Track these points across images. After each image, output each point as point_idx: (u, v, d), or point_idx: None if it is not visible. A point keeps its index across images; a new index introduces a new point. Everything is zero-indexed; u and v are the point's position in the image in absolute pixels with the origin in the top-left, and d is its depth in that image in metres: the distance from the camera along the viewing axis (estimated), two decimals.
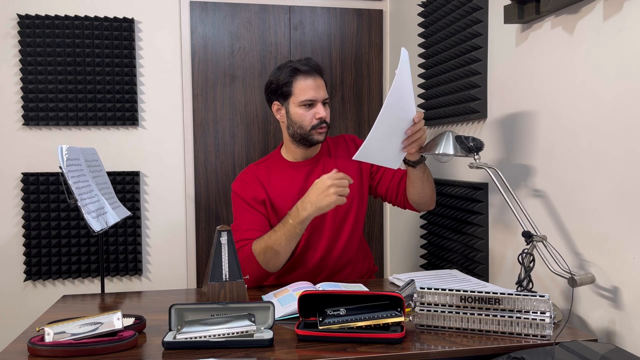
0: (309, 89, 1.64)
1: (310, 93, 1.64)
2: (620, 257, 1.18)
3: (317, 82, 1.66)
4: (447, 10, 1.89)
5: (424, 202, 1.69)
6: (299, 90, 1.65)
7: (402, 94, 1.35)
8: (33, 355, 1.06)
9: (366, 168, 1.78)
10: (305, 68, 1.65)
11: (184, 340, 1.09)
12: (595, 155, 1.24)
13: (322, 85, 1.68)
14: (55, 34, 2.40)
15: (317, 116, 1.64)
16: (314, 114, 1.65)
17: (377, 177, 1.78)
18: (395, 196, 1.75)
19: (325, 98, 1.68)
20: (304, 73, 1.64)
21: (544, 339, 1.11)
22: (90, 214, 1.63)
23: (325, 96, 1.68)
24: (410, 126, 1.42)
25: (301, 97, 1.64)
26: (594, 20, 1.23)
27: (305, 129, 1.66)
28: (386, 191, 1.77)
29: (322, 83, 1.68)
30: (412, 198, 1.69)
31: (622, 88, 1.16)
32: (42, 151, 2.43)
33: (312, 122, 1.65)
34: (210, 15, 2.56)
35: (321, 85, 1.67)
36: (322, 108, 1.65)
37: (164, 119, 2.54)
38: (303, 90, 1.64)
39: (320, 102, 1.66)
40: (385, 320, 1.12)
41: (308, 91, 1.64)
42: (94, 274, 2.49)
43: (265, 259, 1.56)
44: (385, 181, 1.76)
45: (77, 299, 1.53)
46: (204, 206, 2.59)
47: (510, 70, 1.57)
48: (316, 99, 1.64)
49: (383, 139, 1.39)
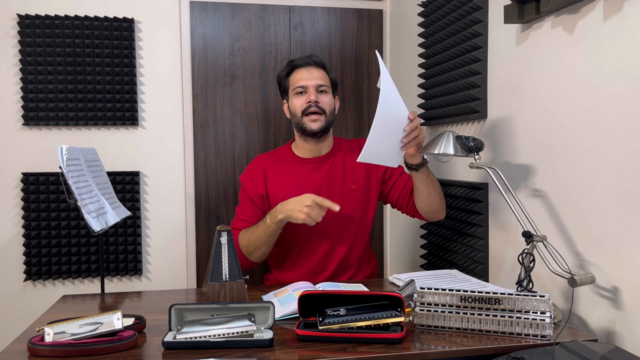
0: (301, 78, 1.72)
1: (302, 81, 1.71)
2: (620, 257, 1.18)
3: (312, 72, 1.72)
4: (447, 10, 1.88)
5: (432, 210, 1.69)
6: (293, 81, 1.74)
7: (391, 94, 1.37)
8: (33, 355, 1.06)
9: (378, 174, 1.78)
10: (301, 62, 1.73)
11: (184, 340, 1.09)
12: (596, 155, 1.24)
13: (318, 75, 1.72)
14: (55, 34, 2.40)
15: (306, 101, 1.69)
16: (305, 99, 1.70)
17: (389, 184, 1.78)
18: (405, 204, 1.76)
19: (318, 85, 1.71)
20: (299, 66, 1.73)
21: (544, 339, 1.11)
22: (90, 214, 1.63)
23: (319, 83, 1.71)
24: (408, 123, 1.43)
25: (294, 85, 1.73)
26: (594, 20, 1.23)
27: (299, 117, 1.71)
28: (397, 198, 1.77)
29: (319, 74, 1.73)
30: (420, 206, 1.69)
31: (622, 88, 1.16)
32: (42, 151, 2.43)
33: (302, 107, 1.70)
34: (210, 15, 2.56)
35: (316, 75, 1.72)
36: (313, 93, 1.69)
37: (164, 119, 2.54)
38: (296, 79, 1.73)
39: (312, 88, 1.70)
40: (385, 320, 1.12)
41: (300, 80, 1.72)
42: (94, 274, 2.49)
43: (248, 250, 1.66)
44: (398, 188, 1.76)
45: (77, 299, 1.53)
46: (204, 206, 2.59)
47: (511, 70, 1.57)
48: (306, 86, 1.70)
49: (382, 139, 1.41)
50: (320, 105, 1.69)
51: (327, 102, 1.72)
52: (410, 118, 1.42)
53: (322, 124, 1.70)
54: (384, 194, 1.81)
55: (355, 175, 1.76)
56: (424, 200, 1.66)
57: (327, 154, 1.78)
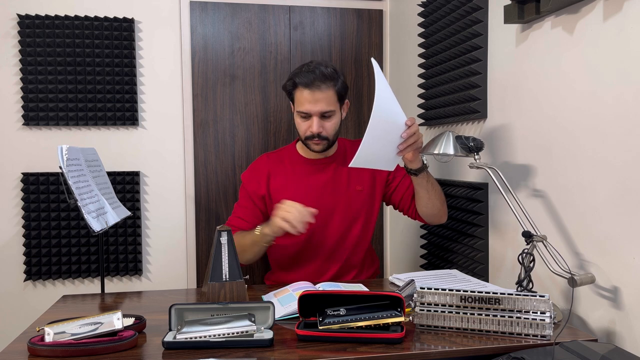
0: (305, 102, 1.62)
1: (306, 106, 1.62)
2: (620, 257, 1.18)
3: (316, 95, 1.60)
4: (447, 10, 1.88)
5: (433, 214, 1.69)
6: (297, 100, 1.65)
7: (387, 100, 1.35)
8: (33, 355, 1.06)
9: (382, 176, 1.77)
10: (304, 80, 1.61)
11: (184, 340, 1.09)
12: (596, 155, 1.24)
13: (323, 98, 1.61)
14: (55, 34, 2.40)
15: (309, 130, 1.64)
16: (308, 126, 1.64)
17: (392, 186, 1.78)
18: (407, 207, 1.76)
19: (323, 111, 1.62)
20: (302, 85, 1.62)
21: (544, 339, 1.11)
22: (90, 214, 1.63)
23: (324, 109, 1.62)
24: (405, 129, 1.41)
25: (298, 108, 1.65)
26: (594, 20, 1.23)
27: (302, 138, 1.68)
28: (400, 200, 1.77)
29: (324, 96, 1.61)
30: (420, 210, 1.69)
31: (622, 88, 1.16)
32: (42, 151, 2.43)
33: (305, 133, 1.65)
34: (210, 15, 2.56)
35: (320, 99, 1.61)
36: (316, 122, 1.62)
37: (164, 119, 2.54)
38: (300, 101, 1.64)
39: (316, 117, 1.62)
40: (385, 320, 1.12)
41: (304, 104, 1.62)
42: (94, 274, 2.49)
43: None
44: (400, 191, 1.76)
45: (77, 299, 1.53)
46: (204, 206, 2.59)
47: (511, 70, 1.57)
48: (310, 112, 1.62)
49: (376, 146, 1.39)
50: (323, 135, 1.64)
51: (331, 127, 1.65)
52: (407, 124, 1.40)
53: (324, 146, 1.68)
54: (387, 196, 1.80)
55: (361, 176, 1.76)
56: (424, 204, 1.66)
57: (332, 155, 1.77)
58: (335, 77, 1.64)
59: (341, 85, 1.66)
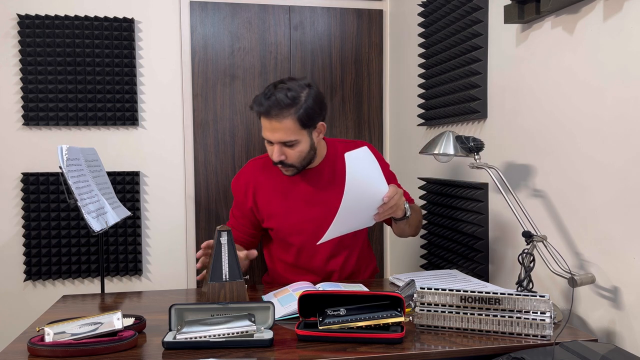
0: (264, 129, 1.57)
1: (266, 133, 1.57)
2: (620, 257, 1.18)
3: (273, 124, 1.52)
4: (447, 10, 1.88)
5: (404, 236, 1.74)
6: (262, 125, 1.59)
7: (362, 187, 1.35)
8: (33, 355, 1.06)
9: None
10: (259, 108, 1.53)
11: (184, 340, 1.09)
12: (596, 155, 1.24)
13: (280, 128, 1.51)
14: (55, 34, 2.40)
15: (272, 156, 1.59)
16: (271, 152, 1.59)
17: None
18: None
19: (282, 141, 1.53)
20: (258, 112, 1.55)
21: (544, 339, 1.11)
22: (90, 214, 1.63)
23: (282, 139, 1.53)
24: (381, 204, 1.41)
25: (263, 133, 1.59)
26: (594, 20, 1.23)
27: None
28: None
29: (281, 126, 1.51)
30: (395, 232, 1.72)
31: (621, 87, 1.16)
32: (42, 151, 2.43)
33: (271, 157, 1.60)
34: (210, 15, 2.56)
35: (278, 128, 1.52)
36: (276, 151, 1.55)
37: (164, 119, 2.54)
38: (263, 127, 1.58)
39: (276, 146, 1.55)
40: (385, 320, 1.12)
41: (264, 130, 1.57)
42: (94, 274, 2.49)
43: None
44: None
45: (77, 299, 1.53)
46: (204, 206, 2.59)
47: (511, 70, 1.57)
48: (270, 140, 1.57)
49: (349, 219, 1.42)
50: (286, 162, 1.58)
51: (294, 155, 1.57)
52: (384, 200, 1.40)
53: (293, 172, 1.63)
54: None
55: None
56: (398, 233, 1.71)
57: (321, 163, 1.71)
58: (295, 104, 1.50)
59: (305, 111, 1.52)
